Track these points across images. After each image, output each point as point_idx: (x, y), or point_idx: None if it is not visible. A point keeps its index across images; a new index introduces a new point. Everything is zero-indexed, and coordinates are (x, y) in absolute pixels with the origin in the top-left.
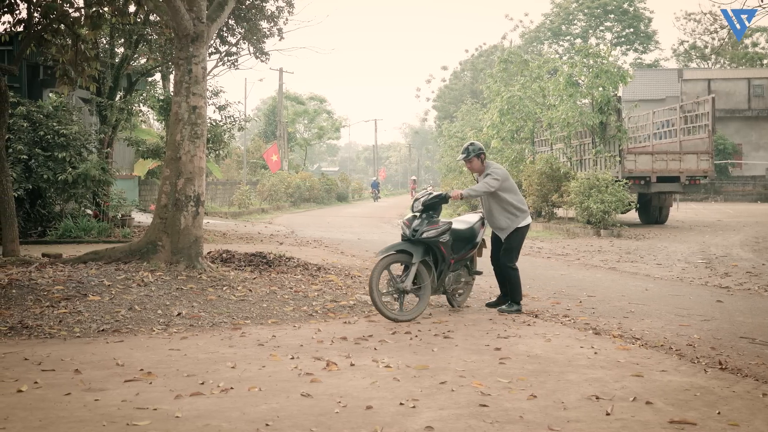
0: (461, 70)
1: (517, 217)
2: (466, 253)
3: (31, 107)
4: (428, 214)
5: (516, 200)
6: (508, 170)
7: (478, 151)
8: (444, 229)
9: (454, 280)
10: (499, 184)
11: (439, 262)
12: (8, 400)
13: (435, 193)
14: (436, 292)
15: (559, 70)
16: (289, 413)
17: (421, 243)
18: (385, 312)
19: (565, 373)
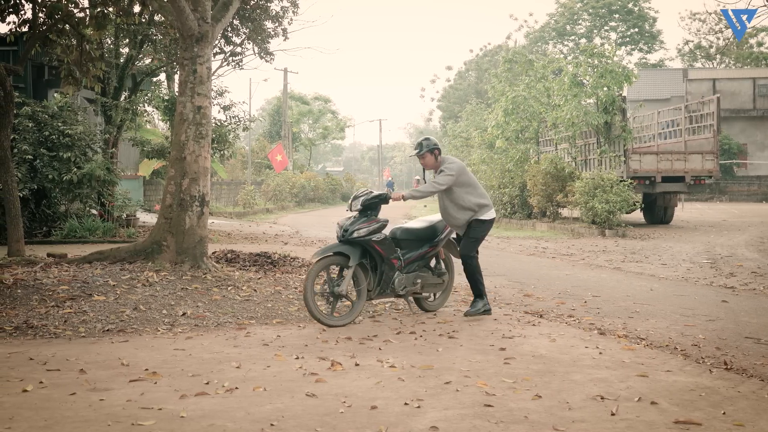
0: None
1: (475, 213)
2: (423, 253)
3: (36, 107)
4: (368, 215)
5: (475, 195)
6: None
7: (432, 146)
8: (376, 227)
9: (409, 283)
10: (451, 180)
11: (379, 264)
12: (13, 400)
13: (375, 193)
14: (381, 295)
15: (564, 70)
16: (293, 413)
17: (358, 244)
18: (318, 317)
19: (570, 373)
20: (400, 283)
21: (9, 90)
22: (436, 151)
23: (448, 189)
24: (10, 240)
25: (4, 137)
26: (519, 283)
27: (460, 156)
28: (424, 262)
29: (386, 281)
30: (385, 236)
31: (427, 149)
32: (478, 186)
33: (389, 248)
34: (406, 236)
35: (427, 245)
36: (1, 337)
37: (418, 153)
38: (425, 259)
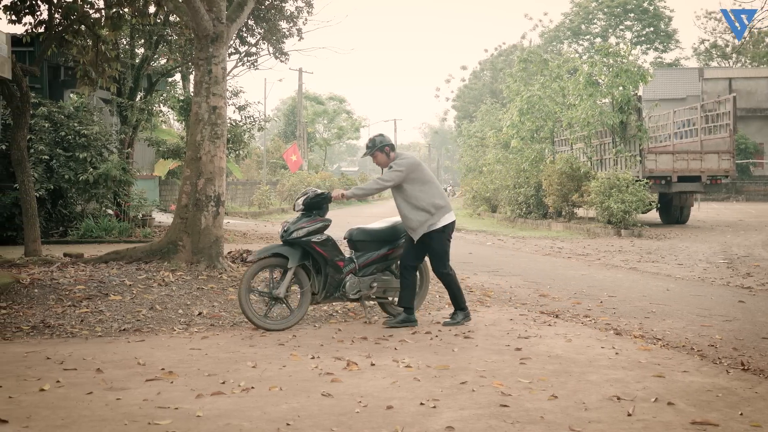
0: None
1: (431, 215)
2: (382, 255)
3: (53, 108)
4: (313, 214)
5: (431, 194)
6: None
7: (381, 144)
8: (317, 227)
9: (365, 286)
10: (399, 177)
11: (323, 266)
12: (31, 399)
13: (317, 192)
14: (329, 299)
15: (579, 70)
16: (309, 413)
17: (299, 245)
18: (253, 319)
19: (586, 373)
20: (353, 287)
21: (25, 90)
22: (387, 148)
23: (400, 187)
24: (27, 240)
25: (21, 137)
26: (534, 283)
27: (475, 156)
28: (383, 264)
29: (332, 284)
30: (327, 237)
31: (377, 147)
32: (436, 185)
33: (332, 249)
34: (363, 237)
35: (386, 247)
36: (18, 337)
37: (369, 152)
38: (386, 261)
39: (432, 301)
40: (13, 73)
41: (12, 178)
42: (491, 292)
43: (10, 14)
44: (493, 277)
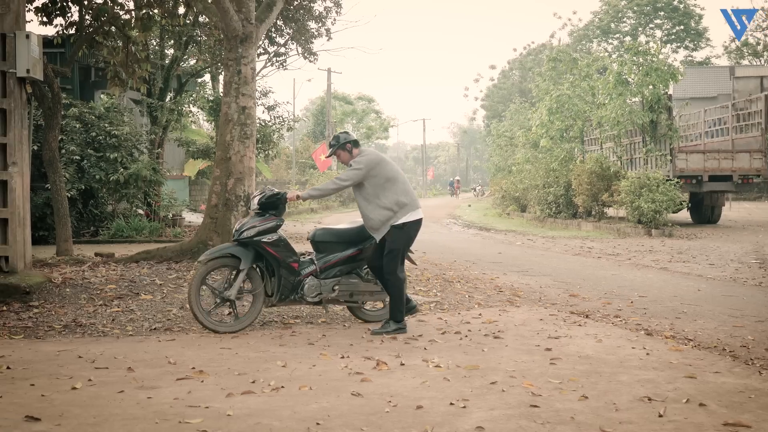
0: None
1: (394, 213)
2: (347, 257)
3: (84, 108)
4: (268, 214)
5: (395, 191)
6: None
7: (343, 142)
8: (268, 227)
9: (326, 289)
10: (358, 175)
11: (276, 268)
12: (63, 397)
13: (273, 191)
14: (285, 302)
15: (609, 69)
16: (339, 412)
17: (252, 246)
18: (203, 321)
19: (616, 374)
20: (311, 290)
21: (57, 91)
22: (348, 145)
23: (360, 185)
24: (59, 239)
25: (52, 138)
26: (564, 283)
27: (504, 155)
28: (349, 267)
29: (287, 287)
30: (279, 237)
31: (338, 146)
32: (401, 181)
33: (285, 250)
34: (326, 238)
35: (352, 249)
36: (50, 335)
37: (332, 151)
38: (351, 263)
39: (462, 300)
40: (45, 74)
41: (44, 179)
42: (521, 291)
43: (41, 16)
44: (522, 276)
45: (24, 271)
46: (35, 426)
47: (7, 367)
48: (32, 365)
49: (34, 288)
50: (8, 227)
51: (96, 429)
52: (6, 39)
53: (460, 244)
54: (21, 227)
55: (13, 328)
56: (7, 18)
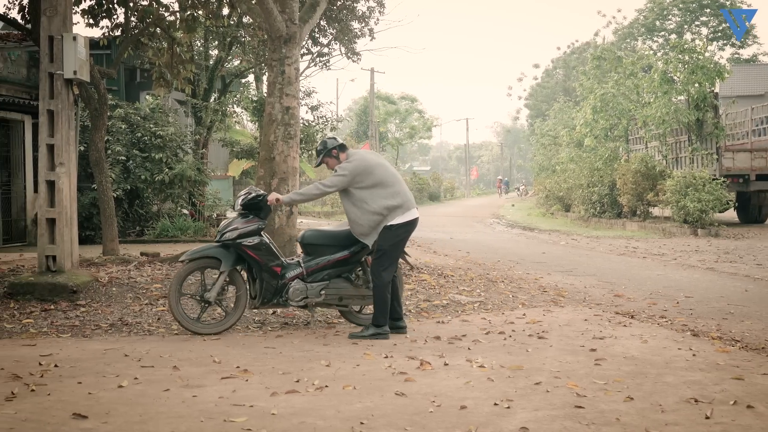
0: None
1: (384, 217)
2: (337, 260)
3: (129, 109)
4: (251, 215)
5: (384, 196)
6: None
7: (330, 148)
8: (250, 230)
9: (313, 293)
10: (342, 182)
11: (257, 271)
12: (109, 395)
13: (257, 192)
14: (268, 305)
15: (654, 67)
16: (383, 412)
17: (234, 248)
18: (183, 322)
19: (662, 375)
20: (296, 294)
21: (103, 93)
22: (334, 151)
23: (347, 191)
24: (105, 239)
25: (99, 139)
26: (609, 283)
27: (547, 155)
28: (338, 270)
29: (269, 290)
30: (260, 240)
31: (323, 154)
32: (392, 184)
33: (267, 254)
34: (315, 240)
35: (342, 252)
36: (97, 334)
37: (319, 161)
38: (341, 267)
39: (506, 300)
40: (91, 75)
41: (90, 179)
42: (565, 292)
43: (87, 18)
44: (567, 276)
45: (71, 271)
46: (82, 423)
47: (55, 365)
48: (79, 363)
49: (81, 287)
50: (56, 227)
51: (142, 427)
52: (53, 41)
53: (503, 244)
54: (68, 227)
55: (60, 327)
56: (54, 20)
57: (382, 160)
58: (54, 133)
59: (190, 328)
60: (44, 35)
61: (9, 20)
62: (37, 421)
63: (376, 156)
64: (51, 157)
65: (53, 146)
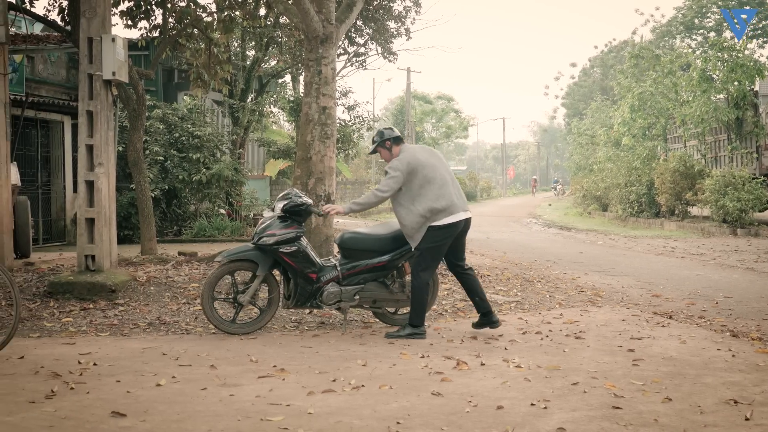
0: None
1: (427, 220)
2: (374, 266)
3: (167, 110)
4: (290, 221)
5: (427, 197)
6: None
7: (385, 138)
8: (289, 237)
9: (347, 297)
10: (397, 182)
11: (292, 276)
12: (148, 394)
13: (300, 201)
14: (300, 307)
15: (692, 65)
16: (419, 412)
17: (270, 253)
18: (214, 322)
19: (701, 376)
20: (331, 297)
21: (141, 93)
22: (388, 143)
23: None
24: (143, 239)
25: (137, 139)
26: (647, 283)
27: (585, 154)
28: (373, 275)
29: (303, 294)
30: (297, 248)
31: (378, 143)
32: (437, 185)
33: (303, 261)
34: (354, 245)
35: (379, 257)
36: (135, 333)
37: (373, 150)
38: (377, 272)
39: (542, 300)
40: (130, 76)
41: (129, 179)
42: (602, 292)
43: (126, 19)
44: (604, 276)
45: (110, 270)
46: (121, 422)
47: (94, 364)
48: (118, 362)
49: (119, 286)
50: (95, 227)
51: (180, 425)
52: (93, 43)
53: (540, 244)
54: (107, 227)
55: (99, 326)
56: (93, 22)
57: (433, 159)
58: (93, 133)
59: (226, 330)
60: (83, 37)
61: (49, 22)
62: (77, 419)
63: (428, 154)
64: (90, 157)
65: (92, 147)
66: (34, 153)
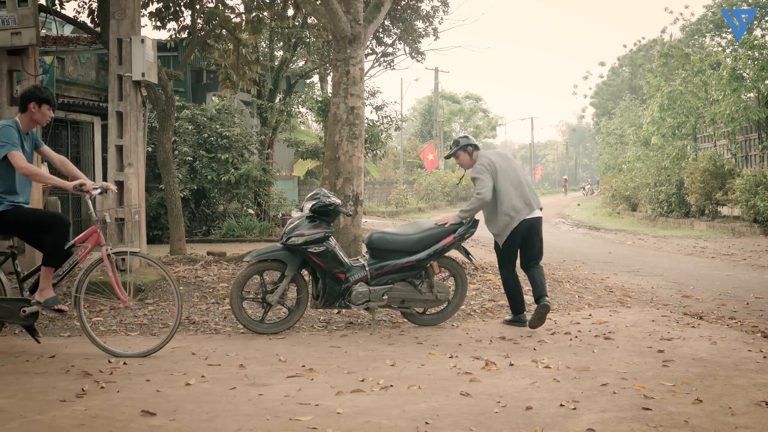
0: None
1: (512, 218)
2: (403, 266)
3: (196, 110)
4: (319, 221)
5: (510, 196)
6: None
7: (464, 144)
8: (317, 237)
9: (376, 297)
10: (489, 183)
11: (321, 276)
12: (177, 393)
13: (329, 201)
14: (328, 306)
15: (722, 64)
16: (448, 412)
17: (299, 253)
18: (248, 326)
19: (732, 377)
20: (359, 297)
21: (170, 94)
22: (469, 148)
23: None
24: (173, 239)
25: (166, 140)
26: (677, 283)
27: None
28: (402, 275)
29: (332, 294)
30: (326, 248)
31: (458, 147)
32: (515, 184)
33: (332, 261)
34: (382, 245)
35: (408, 258)
36: (164, 332)
37: (452, 152)
38: (405, 272)
39: (571, 301)
40: (159, 77)
41: (158, 179)
42: (632, 292)
43: (155, 21)
44: (633, 277)
45: (139, 270)
46: (151, 420)
47: (124, 363)
48: (147, 361)
49: (148, 286)
50: (124, 227)
51: (209, 424)
52: (122, 44)
53: (569, 244)
54: (136, 227)
55: (129, 325)
56: (123, 23)
57: (508, 162)
58: (123, 134)
59: (255, 330)
60: (113, 38)
61: (79, 24)
62: (107, 418)
63: (502, 158)
64: (120, 157)
65: (122, 147)
66: (65, 153)
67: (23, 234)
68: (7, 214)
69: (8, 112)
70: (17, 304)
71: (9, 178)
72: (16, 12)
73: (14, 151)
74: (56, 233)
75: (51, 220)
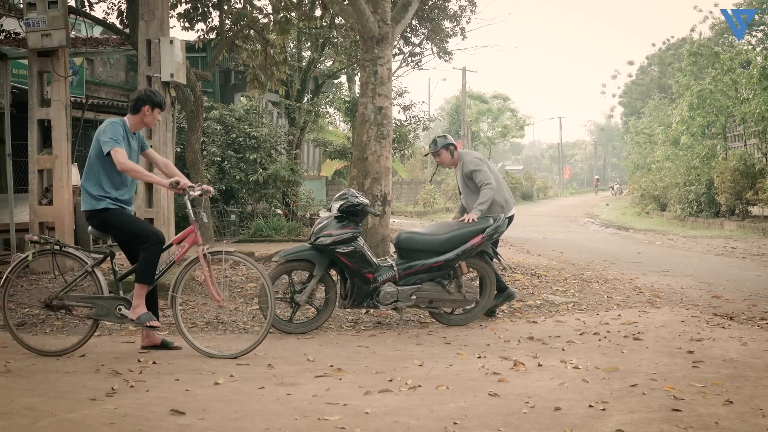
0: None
1: (504, 210)
2: (431, 266)
3: (224, 111)
4: (347, 221)
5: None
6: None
7: (446, 144)
8: (345, 237)
9: (404, 297)
10: (489, 171)
11: (349, 276)
12: (206, 392)
13: (356, 201)
14: (356, 306)
15: (753, 62)
16: (476, 412)
17: (327, 253)
18: (277, 325)
19: (763, 378)
20: (387, 297)
21: (199, 95)
22: (451, 147)
23: (471, 183)
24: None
25: (195, 140)
26: (707, 284)
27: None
28: (430, 275)
29: (360, 294)
30: (354, 248)
31: (441, 146)
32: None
33: (360, 261)
34: (410, 245)
35: (436, 258)
36: (193, 332)
37: (433, 151)
38: (434, 272)
39: (600, 301)
40: (187, 78)
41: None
42: (661, 292)
43: (183, 21)
44: (663, 277)
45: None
46: (180, 419)
47: (153, 362)
48: (176, 360)
49: None
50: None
51: (238, 424)
52: (151, 45)
53: (597, 244)
54: (165, 226)
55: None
56: (152, 24)
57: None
58: (152, 134)
59: (283, 329)
60: (142, 39)
61: (108, 25)
62: (137, 417)
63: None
64: None
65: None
66: None
67: (119, 238)
68: (109, 215)
69: (39, 113)
70: (114, 302)
71: (113, 174)
72: (46, 14)
73: (117, 147)
74: (152, 251)
75: (150, 236)
